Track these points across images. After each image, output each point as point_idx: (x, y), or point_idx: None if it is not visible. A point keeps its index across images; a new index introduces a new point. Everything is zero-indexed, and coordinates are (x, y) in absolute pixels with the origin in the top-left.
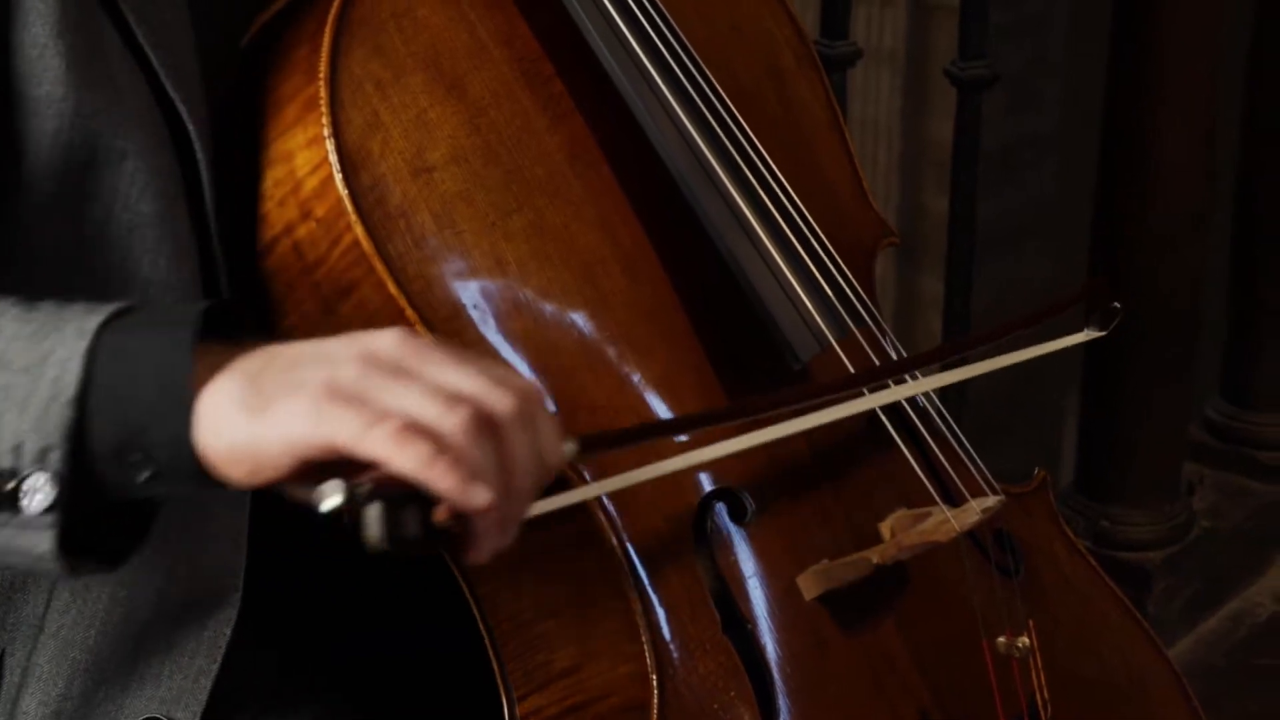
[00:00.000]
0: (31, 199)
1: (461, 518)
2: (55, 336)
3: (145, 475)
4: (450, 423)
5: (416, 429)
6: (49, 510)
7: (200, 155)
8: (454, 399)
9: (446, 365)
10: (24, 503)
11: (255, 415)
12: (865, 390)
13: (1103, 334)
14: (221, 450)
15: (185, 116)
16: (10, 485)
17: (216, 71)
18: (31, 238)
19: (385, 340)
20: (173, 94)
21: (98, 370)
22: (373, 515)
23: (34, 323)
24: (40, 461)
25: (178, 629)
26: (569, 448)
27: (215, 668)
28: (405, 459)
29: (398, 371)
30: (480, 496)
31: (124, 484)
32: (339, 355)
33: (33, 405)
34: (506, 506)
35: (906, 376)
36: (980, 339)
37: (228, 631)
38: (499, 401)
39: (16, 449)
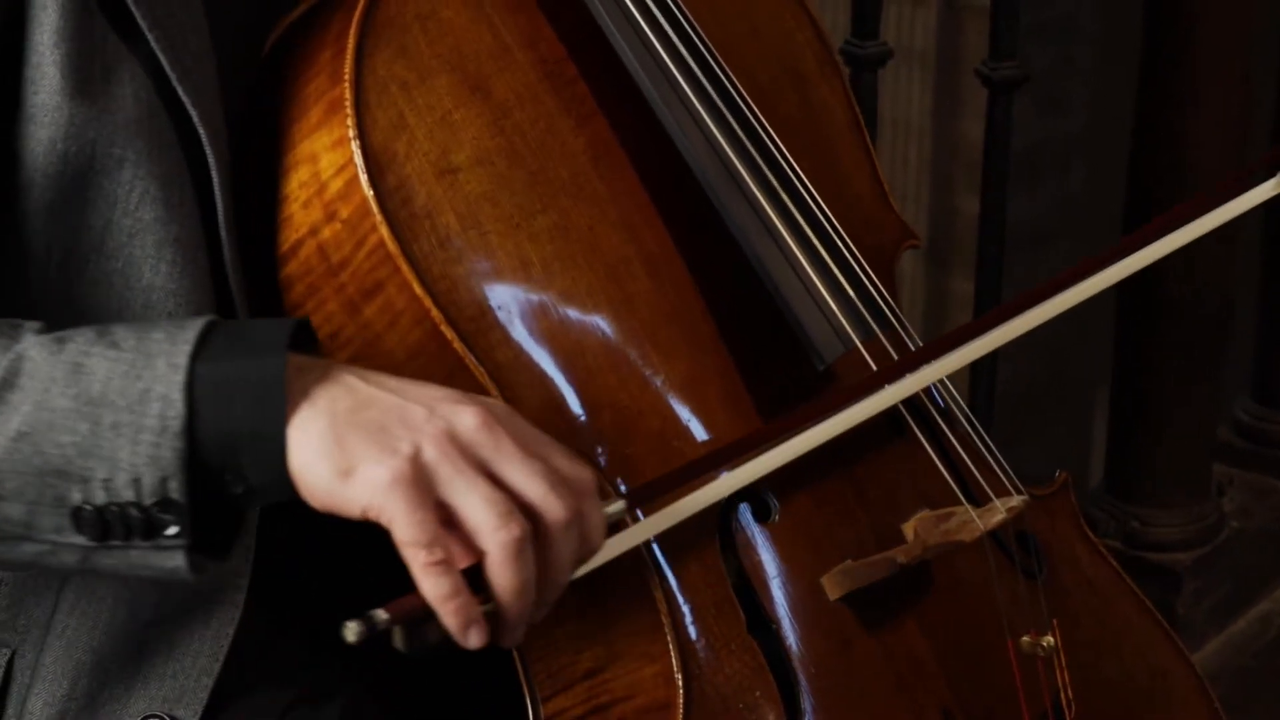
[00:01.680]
0: (31, 206)
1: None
2: (149, 374)
3: (240, 490)
4: (497, 540)
5: (446, 563)
6: (179, 534)
7: (211, 159)
8: (508, 513)
9: (515, 459)
10: (159, 530)
11: (338, 477)
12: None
13: None
14: (304, 487)
15: (196, 120)
16: (140, 515)
17: (235, 72)
18: (32, 244)
19: (466, 420)
20: (184, 98)
21: (198, 403)
22: (396, 635)
23: (124, 361)
24: (160, 490)
25: (180, 629)
26: (615, 508)
27: (218, 667)
28: (426, 587)
29: (470, 461)
30: (474, 639)
31: (223, 497)
32: (423, 425)
33: (144, 440)
34: (535, 608)
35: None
36: (1156, 229)
37: (230, 631)
38: (554, 509)
39: (135, 481)
